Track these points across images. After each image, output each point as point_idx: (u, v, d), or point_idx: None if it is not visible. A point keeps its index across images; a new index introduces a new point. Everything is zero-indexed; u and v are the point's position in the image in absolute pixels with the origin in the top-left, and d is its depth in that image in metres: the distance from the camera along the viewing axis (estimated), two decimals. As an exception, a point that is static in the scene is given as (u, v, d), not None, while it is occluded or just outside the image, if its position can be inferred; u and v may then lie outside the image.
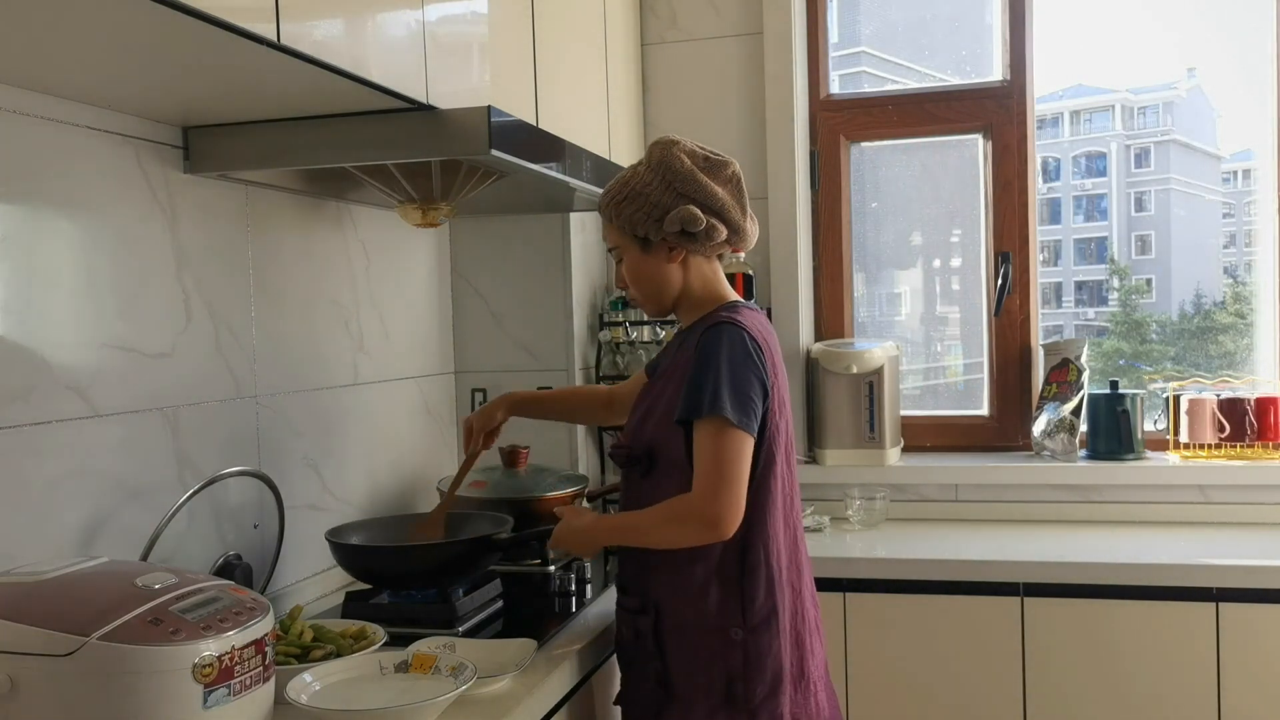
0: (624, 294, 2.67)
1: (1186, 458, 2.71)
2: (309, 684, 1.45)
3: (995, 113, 2.90)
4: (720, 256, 1.79)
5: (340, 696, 1.44)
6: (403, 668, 1.53)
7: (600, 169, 2.16)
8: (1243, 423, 2.68)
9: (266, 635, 1.26)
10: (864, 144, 3.04)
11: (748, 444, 1.60)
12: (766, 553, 1.64)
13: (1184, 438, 2.73)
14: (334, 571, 2.11)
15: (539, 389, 2.32)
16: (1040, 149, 2.98)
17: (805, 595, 1.74)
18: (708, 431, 1.59)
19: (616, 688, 1.85)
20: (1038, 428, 2.81)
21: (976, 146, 2.96)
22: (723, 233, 1.69)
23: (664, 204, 1.67)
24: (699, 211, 1.66)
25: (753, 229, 1.76)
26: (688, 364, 1.66)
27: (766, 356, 1.66)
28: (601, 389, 2.16)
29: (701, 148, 1.73)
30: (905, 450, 2.92)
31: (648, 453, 1.70)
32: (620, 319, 2.74)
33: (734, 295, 1.78)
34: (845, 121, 3.00)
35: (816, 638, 1.77)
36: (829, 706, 1.78)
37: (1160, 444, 2.81)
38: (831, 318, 3.03)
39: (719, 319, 1.68)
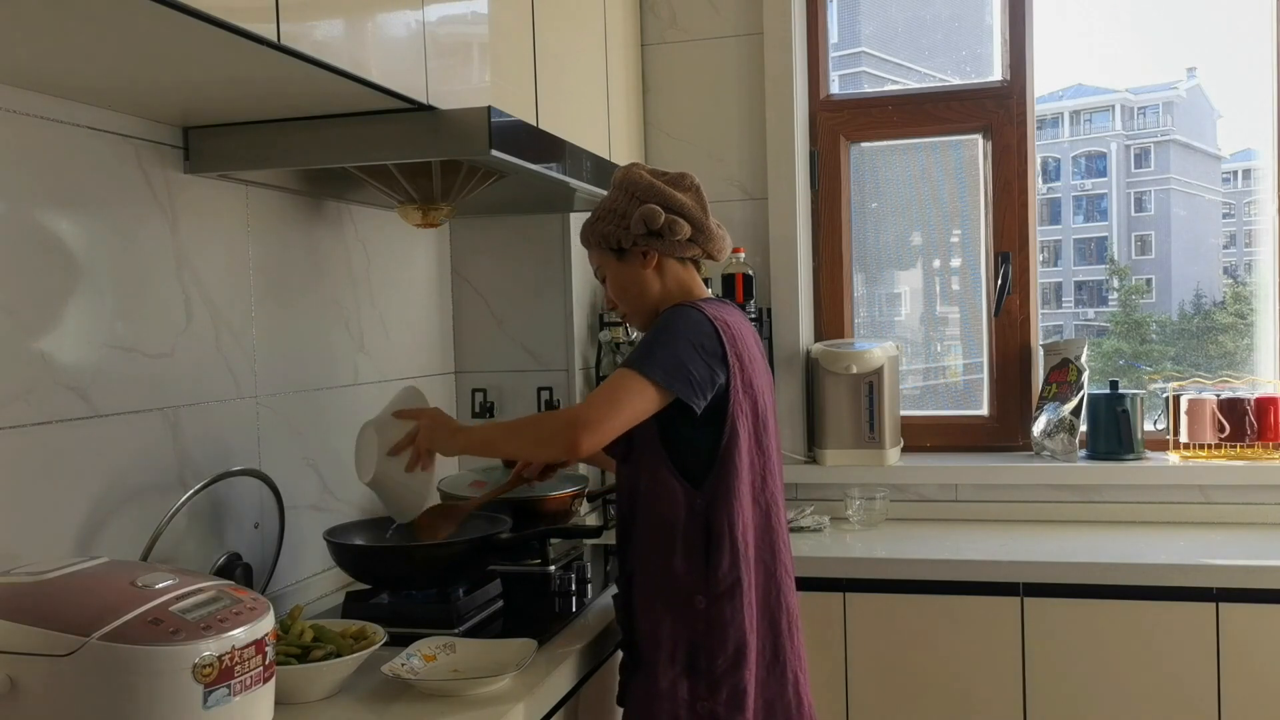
0: (613, 312, 2.69)
1: (1186, 458, 2.71)
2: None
3: (995, 113, 2.90)
4: (696, 264, 1.85)
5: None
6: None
7: (600, 169, 2.16)
8: (1243, 423, 2.68)
9: (266, 635, 1.26)
10: (864, 144, 3.04)
11: (650, 394, 1.63)
12: (730, 525, 1.69)
13: (1184, 438, 2.73)
14: (334, 571, 2.11)
15: None
16: (1040, 149, 2.98)
17: (783, 582, 1.77)
18: (617, 373, 1.65)
19: (617, 690, 1.86)
20: (1038, 428, 2.81)
21: (976, 146, 2.96)
22: (685, 229, 1.75)
23: (629, 211, 1.77)
24: (659, 208, 1.74)
25: (720, 233, 1.82)
26: None
27: (725, 337, 1.70)
28: None
29: (659, 169, 1.83)
30: (905, 450, 2.92)
31: (628, 437, 1.73)
32: (620, 319, 2.74)
33: (710, 296, 1.84)
34: (845, 122, 3.00)
35: (798, 632, 1.80)
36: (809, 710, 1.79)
37: (1160, 444, 2.81)
38: (831, 318, 3.03)
39: (679, 303, 1.77)
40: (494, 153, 1.70)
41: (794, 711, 1.75)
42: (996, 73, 2.93)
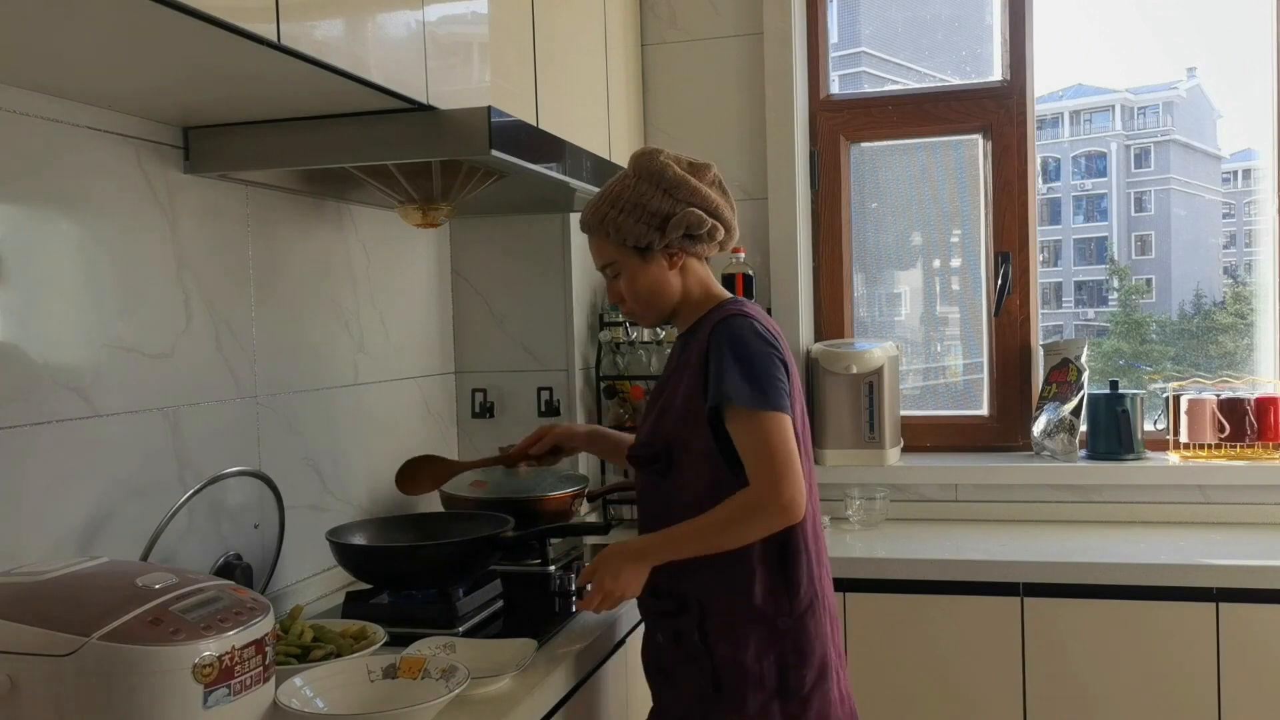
0: (615, 311, 2.67)
1: (1186, 458, 2.71)
2: (299, 688, 1.40)
3: (995, 113, 2.90)
4: (708, 259, 1.81)
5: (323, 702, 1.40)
6: (390, 672, 1.47)
7: (600, 169, 2.16)
8: (1243, 423, 2.68)
9: (266, 635, 1.26)
10: (864, 144, 3.04)
11: (786, 423, 1.61)
12: (804, 537, 1.66)
13: (1184, 438, 2.73)
14: (334, 571, 2.11)
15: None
16: (1040, 149, 2.98)
17: (828, 583, 1.76)
18: (744, 422, 1.60)
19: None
20: (1038, 428, 2.81)
21: (976, 146, 2.96)
22: (721, 232, 1.72)
23: (664, 210, 1.68)
24: (703, 214, 1.68)
25: (736, 225, 1.79)
26: (698, 359, 1.66)
27: (781, 344, 1.69)
28: None
29: (681, 155, 1.74)
30: (905, 450, 2.92)
31: (666, 450, 1.69)
32: (620, 319, 2.74)
33: (729, 295, 1.80)
34: (845, 122, 3.00)
35: (837, 625, 1.78)
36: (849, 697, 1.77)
37: (1160, 444, 2.81)
38: (831, 318, 3.03)
39: (727, 313, 1.69)
40: (494, 153, 1.70)
41: (840, 709, 1.71)
42: (996, 73, 2.93)
